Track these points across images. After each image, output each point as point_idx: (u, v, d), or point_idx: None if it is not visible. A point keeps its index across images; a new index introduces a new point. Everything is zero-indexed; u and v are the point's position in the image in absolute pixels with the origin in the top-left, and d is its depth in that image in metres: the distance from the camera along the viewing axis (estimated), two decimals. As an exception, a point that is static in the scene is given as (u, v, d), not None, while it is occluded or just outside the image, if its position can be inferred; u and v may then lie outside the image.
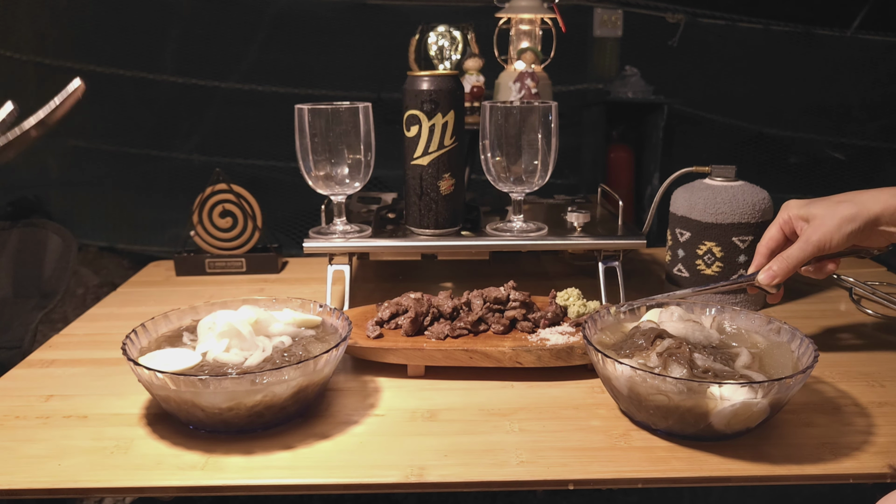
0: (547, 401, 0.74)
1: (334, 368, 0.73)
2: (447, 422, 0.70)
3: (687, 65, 1.70)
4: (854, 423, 0.69)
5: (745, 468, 0.62)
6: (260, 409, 0.66)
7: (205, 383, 0.63)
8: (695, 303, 0.80)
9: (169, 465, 0.63)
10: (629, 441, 0.66)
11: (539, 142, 0.92)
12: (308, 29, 1.57)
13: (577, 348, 0.78)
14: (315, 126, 0.91)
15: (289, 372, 0.65)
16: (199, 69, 1.58)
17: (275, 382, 0.65)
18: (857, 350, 0.86)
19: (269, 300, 0.81)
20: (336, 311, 0.78)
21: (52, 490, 0.61)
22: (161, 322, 0.77)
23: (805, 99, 1.73)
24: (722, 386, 0.61)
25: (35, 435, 0.69)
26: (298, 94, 1.58)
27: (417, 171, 0.93)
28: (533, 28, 1.13)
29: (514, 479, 0.61)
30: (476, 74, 1.11)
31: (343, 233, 0.96)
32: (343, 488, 0.61)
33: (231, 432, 0.67)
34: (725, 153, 1.76)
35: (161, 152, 1.58)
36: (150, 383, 0.66)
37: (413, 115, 0.91)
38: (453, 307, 0.84)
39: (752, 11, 1.69)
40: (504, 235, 0.95)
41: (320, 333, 0.76)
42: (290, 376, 0.65)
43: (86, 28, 1.55)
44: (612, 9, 1.65)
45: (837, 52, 1.69)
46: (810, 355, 0.66)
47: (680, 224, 0.98)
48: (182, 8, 1.54)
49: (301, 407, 0.70)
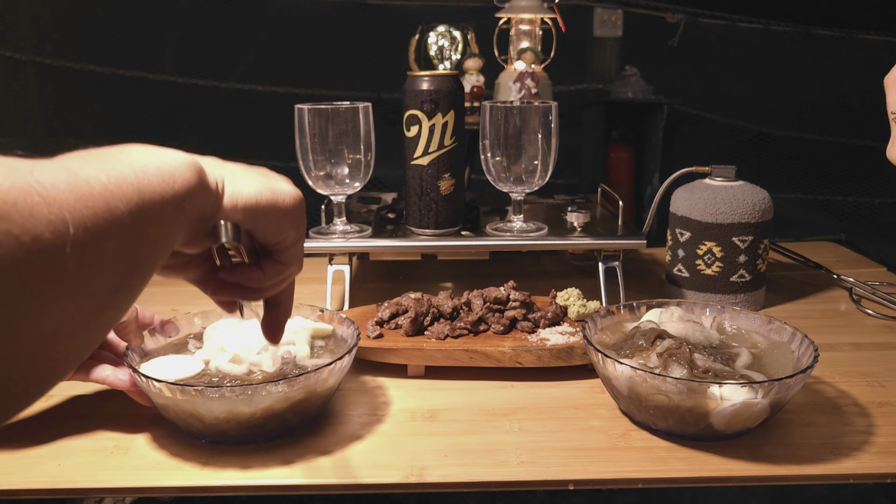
0: (547, 401, 0.74)
1: (339, 380, 0.71)
2: (447, 422, 0.70)
3: (687, 65, 1.70)
4: (854, 423, 0.69)
5: (745, 468, 0.62)
6: (260, 421, 0.64)
7: (201, 393, 0.62)
8: (695, 303, 0.80)
9: (169, 465, 0.63)
10: (629, 441, 0.66)
11: (539, 142, 0.92)
12: (308, 29, 1.57)
13: (577, 348, 0.78)
14: (315, 126, 0.91)
15: (288, 384, 0.63)
16: (199, 69, 1.58)
17: (274, 394, 0.63)
18: (857, 350, 0.86)
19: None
20: (347, 320, 0.76)
21: (52, 490, 0.61)
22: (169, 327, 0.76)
23: (805, 99, 1.73)
24: (722, 386, 0.61)
25: (35, 435, 0.68)
26: (298, 94, 1.58)
27: (417, 171, 0.93)
28: (533, 28, 1.13)
29: (514, 479, 0.61)
30: (476, 74, 1.10)
31: (343, 233, 0.96)
32: (343, 488, 0.61)
33: (231, 443, 0.66)
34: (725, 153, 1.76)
35: (161, 152, 1.59)
36: (149, 391, 0.65)
37: (413, 115, 0.91)
38: (453, 307, 0.84)
39: (752, 11, 1.69)
40: (504, 235, 0.95)
41: (328, 342, 0.75)
42: (291, 388, 0.64)
43: (86, 28, 1.55)
44: (612, 9, 1.65)
45: (837, 52, 1.69)
46: (810, 355, 0.66)
47: (680, 224, 0.98)
48: (182, 8, 1.54)
49: (303, 419, 0.68)
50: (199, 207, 0.40)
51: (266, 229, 0.45)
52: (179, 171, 0.37)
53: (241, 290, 0.48)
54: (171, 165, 0.37)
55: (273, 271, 0.48)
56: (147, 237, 0.34)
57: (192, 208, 0.38)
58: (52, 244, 0.27)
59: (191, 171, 0.38)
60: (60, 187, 0.28)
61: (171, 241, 0.37)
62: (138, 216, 0.32)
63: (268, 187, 0.45)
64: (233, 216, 0.43)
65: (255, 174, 0.46)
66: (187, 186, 0.37)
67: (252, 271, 0.47)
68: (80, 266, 0.28)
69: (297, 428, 0.68)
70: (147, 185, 0.34)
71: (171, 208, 0.36)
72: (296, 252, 0.49)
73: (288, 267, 0.48)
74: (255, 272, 0.47)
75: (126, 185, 0.32)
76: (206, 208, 0.41)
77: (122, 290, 0.32)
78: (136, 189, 0.33)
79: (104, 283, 0.30)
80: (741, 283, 0.95)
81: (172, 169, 0.37)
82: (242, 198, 0.43)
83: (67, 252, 0.27)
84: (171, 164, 0.37)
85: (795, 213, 1.75)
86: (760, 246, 0.95)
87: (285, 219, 0.46)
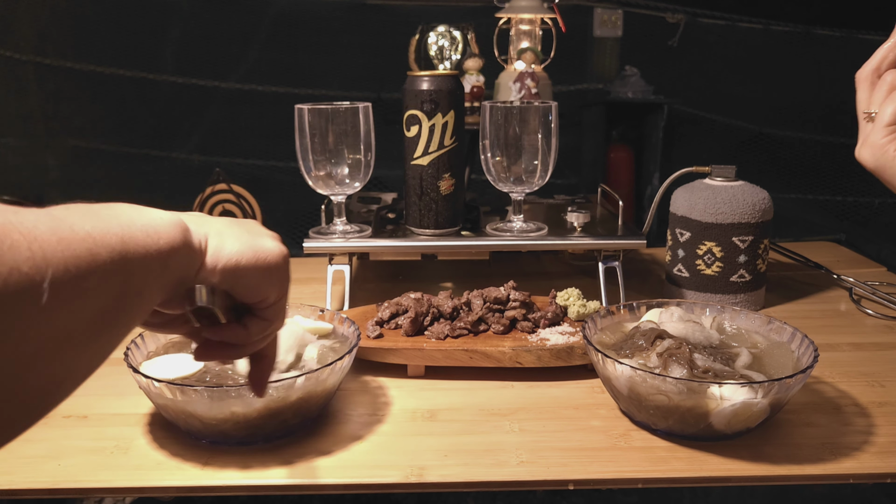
0: (547, 401, 0.74)
1: (339, 380, 0.71)
2: (447, 422, 0.70)
3: (687, 65, 1.70)
4: (854, 423, 0.69)
5: (745, 468, 0.62)
6: (260, 422, 0.64)
7: (199, 393, 0.62)
8: (695, 303, 0.80)
9: (169, 465, 0.63)
10: (629, 441, 0.66)
11: (539, 142, 0.91)
12: (308, 29, 1.57)
13: (577, 348, 0.78)
14: (315, 126, 0.91)
15: (288, 385, 0.63)
16: (199, 69, 1.58)
17: (274, 395, 0.63)
18: (857, 350, 0.86)
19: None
20: (347, 320, 0.76)
21: (52, 490, 0.61)
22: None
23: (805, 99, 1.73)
24: (722, 386, 0.61)
25: (35, 435, 0.68)
26: (298, 94, 1.58)
27: (417, 171, 0.93)
28: (533, 28, 1.13)
29: (514, 479, 0.61)
30: (476, 74, 1.10)
31: (343, 233, 0.96)
32: (343, 488, 0.61)
33: (231, 443, 0.66)
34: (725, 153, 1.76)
35: (161, 152, 1.58)
36: (149, 391, 0.65)
37: (413, 115, 0.91)
38: (453, 307, 0.84)
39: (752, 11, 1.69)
40: (504, 235, 0.95)
41: (330, 342, 0.75)
42: (290, 389, 0.64)
43: (86, 28, 1.55)
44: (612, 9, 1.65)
45: (837, 52, 1.68)
46: (810, 355, 0.66)
47: (680, 224, 0.98)
48: (182, 8, 1.54)
49: (303, 419, 0.68)
50: (182, 266, 0.40)
51: (247, 289, 0.45)
52: (164, 228, 0.37)
53: (225, 348, 0.48)
54: (157, 223, 0.37)
55: (257, 328, 0.47)
56: (130, 287, 0.34)
57: (175, 266, 0.39)
58: (30, 278, 0.28)
59: (175, 230, 0.38)
60: (42, 228, 0.29)
61: (154, 295, 0.38)
62: (121, 265, 0.33)
63: (250, 246, 0.44)
64: (213, 276, 0.43)
65: (240, 231, 0.45)
66: (171, 244, 0.38)
67: (235, 329, 0.47)
68: (57, 300, 0.29)
69: (297, 428, 0.68)
70: (131, 239, 0.34)
71: (156, 263, 0.36)
72: (279, 309, 0.48)
73: (272, 323, 0.48)
74: (239, 330, 0.47)
75: (110, 235, 0.33)
76: (189, 267, 0.41)
77: (105, 325, 0.33)
78: (119, 240, 0.33)
79: (85, 316, 0.31)
80: (741, 283, 0.95)
81: (157, 226, 0.37)
82: (223, 257, 0.43)
83: (45, 287, 0.28)
84: (157, 221, 0.37)
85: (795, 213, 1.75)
86: (760, 246, 0.95)
87: (267, 277, 0.45)
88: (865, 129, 0.59)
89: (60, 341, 0.30)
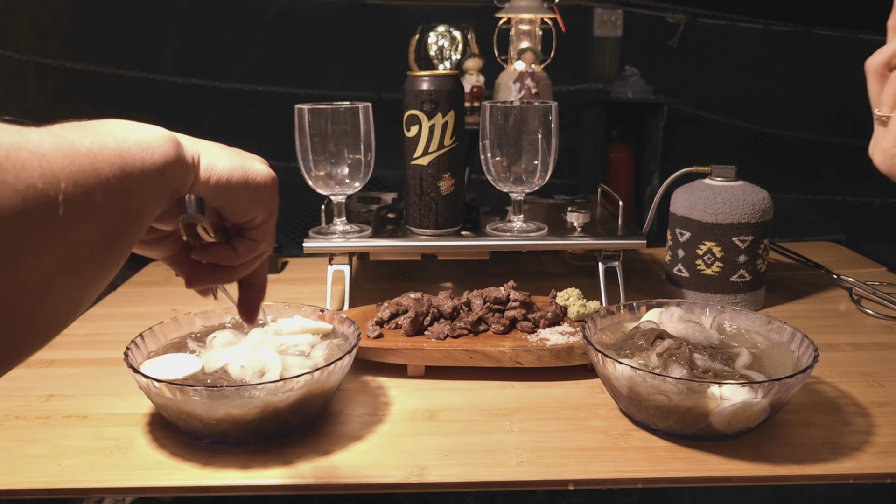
0: (547, 401, 0.74)
1: (339, 380, 0.71)
2: (447, 422, 0.70)
3: (687, 65, 1.70)
4: (854, 423, 0.69)
5: (745, 468, 0.62)
6: (259, 422, 0.64)
7: (199, 393, 0.62)
8: (695, 303, 0.80)
9: (169, 465, 0.63)
10: (629, 441, 0.66)
11: (539, 142, 0.91)
12: (308, 29, 1.57)
13: (577, 348, 0.78)
14: (315, 126, 0.91)
15: (288, 385, 0.63)
16: (199, 69, 1.58)
17: (272, 395, 0.63)
18: (857, 350, 0.86)
19: (281, 305, 0.80)
20: (347, 320, 0.76)
21: (52, 490, 0.61)
22: (171, 327, 0.76)
23: (805, 99, 1.73)
24: (722, 386, 0.61)
25: (35, 435, 0.68)
26: (298, 94, 1.58)
27: (417, 171, 0.93)
28: (533, 28, 1.13)
29: (514, 479, 0.61)
30: (476, 74, 1.10)
31: (343, 233, 0.96)
32: (343, 488, 0.61)
33: (231, 443, 0.66)
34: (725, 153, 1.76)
35: (161, 152, 1.59)
36: (149, 391, 0.65)
37: (413, 115, 0.91)
38: (453, 307, 0.84)
39: (752, 11, 1.69)
40: (504, 235, 0.95)
41: (330, 343, 0.75)
42: (290, 389, 0.64)
43: (86, 28, 1.55)
44: (612, 9, 1.65)
45: (837, 52, 1.69)
46: (810, 355, 0.66)
47: (680, 224, 0.98)
48: (182, 8, 1.54)
49: (303, 419, 0.67)
50: (176, 180, 0.41)
51: (236, 206, 0.46)
52: (157, 143, 0.38)
53: (214, 270, 0.49)
54: (150, 138, 0.38)
55: (245, 249, 0.48)
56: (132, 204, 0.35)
57: (170, 180, 0.40)
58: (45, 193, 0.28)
59: (169, 145, 0.39)
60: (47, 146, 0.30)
61: (153, 210, 0.38)
62: (122, 179, 0.34)
63: (240, 165, 0.46)
64: (205, 190, 0.44)
65: (231, 152, 0.47)
66: (166, 159, 0.38)
67: (224, 249, 0.48)
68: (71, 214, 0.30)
69: (297, 428, 0.68)
70: (128, 154, 0.35)
71: (152, 177, 0.37)
72: (266, 230, 0.49)
73: (259, 244, 0.49)
74: (227, 250, 0.48)
75: (108, 151, 0.34)
76: (183, 182, 0.42)
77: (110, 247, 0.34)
78: (118, 155, 0.34)
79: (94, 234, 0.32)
80: (741, 283, 0.95)
81: (151, 141, 0.38)
82: (216, 173, 0.44)
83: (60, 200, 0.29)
84: (150, 136, 0.38)
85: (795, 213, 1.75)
86: (760, 246, 0.95)
87: (255, 196, 0.46)
88: (878, 131, 0.57)
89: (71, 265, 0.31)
